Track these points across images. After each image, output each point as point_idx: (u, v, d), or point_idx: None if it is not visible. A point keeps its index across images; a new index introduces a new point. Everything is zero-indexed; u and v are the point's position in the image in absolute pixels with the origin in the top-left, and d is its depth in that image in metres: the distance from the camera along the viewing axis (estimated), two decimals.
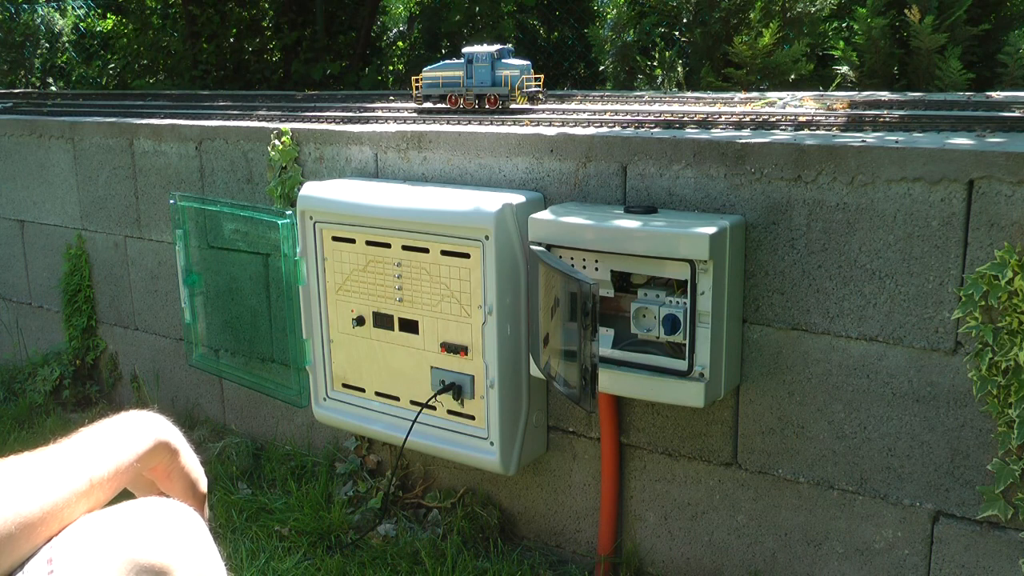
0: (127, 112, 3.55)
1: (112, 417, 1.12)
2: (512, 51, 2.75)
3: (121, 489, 1.07)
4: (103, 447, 1.06)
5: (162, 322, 3.31)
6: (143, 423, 1.13)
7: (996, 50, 3.37)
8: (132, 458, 1.08)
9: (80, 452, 1.04)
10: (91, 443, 1.06)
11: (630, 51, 4.18)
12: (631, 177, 2.13)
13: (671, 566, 2.26)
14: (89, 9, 7.93)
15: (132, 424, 1.12)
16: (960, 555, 1.86)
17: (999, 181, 1.70)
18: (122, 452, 1.07)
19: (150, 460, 1.11)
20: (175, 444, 1.15)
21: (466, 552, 2.40)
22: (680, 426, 2.18)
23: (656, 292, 2.00)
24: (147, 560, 0.93)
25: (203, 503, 1.20)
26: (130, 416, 1.13)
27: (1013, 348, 1.70)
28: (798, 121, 2.23)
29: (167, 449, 1.14)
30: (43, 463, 1.00)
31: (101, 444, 1.06)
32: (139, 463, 1.09)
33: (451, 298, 2.24)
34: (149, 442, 1.11)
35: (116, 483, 1.05)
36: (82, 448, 1.04)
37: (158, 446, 1.12)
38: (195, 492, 1.18)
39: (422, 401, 2.32)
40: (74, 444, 1.05)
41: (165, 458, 1.14)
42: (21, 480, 0.97)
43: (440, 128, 2.46)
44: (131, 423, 1.12)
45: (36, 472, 0.99)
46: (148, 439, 1.11)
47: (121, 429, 1.10)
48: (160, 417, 1.16)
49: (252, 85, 5.88)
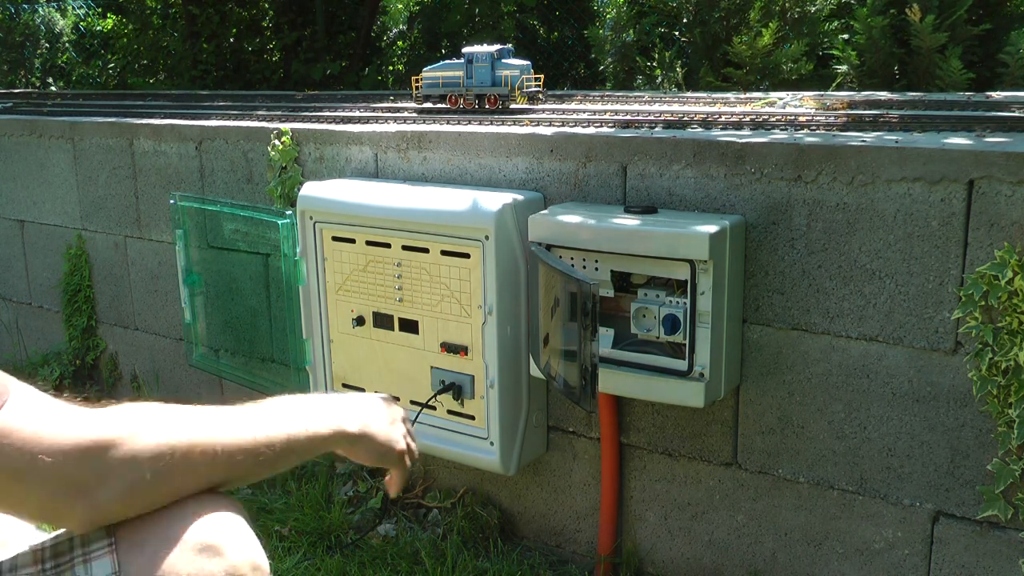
0: (127, 112, 3.55)
1: (308, 395, 1.25)
2: (512, 51, 2.75)
3: (297, 460, 1.18)
4: (281, 416, 1.17)
5: (162, 322, 3.31)
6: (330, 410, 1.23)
7: (997, 50, 3.37)
8: (304, 435, 1.17)
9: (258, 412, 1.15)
10: (272, 410, 1.17)
11: (630, 51, 4.18)
12: (631, 177, 2.13)
13: (671, 566, 2.26)
14: (89, 9, 7.93)
15: (318, 407, 1.22)
16: (960, 555, 1.86)
17: (999, 181, 1.70)
18: (295, 426, 1.17)
19: (326, 445, 1.21)
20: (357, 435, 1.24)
21: (466, 552, 2.40)
22: (680, 426, 2.18)
23: (656, 292, 2.00)
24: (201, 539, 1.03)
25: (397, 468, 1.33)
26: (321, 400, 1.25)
27: (1013, 348, 1.70)
28: (798, 121, 2.23)
29: (344, 438, 1.23)
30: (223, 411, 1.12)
31: (280, 413, 1.17)
32: (310, 443, 1.18)
33: (451, 298, 2.24)
34: (327, 428, 1.21)
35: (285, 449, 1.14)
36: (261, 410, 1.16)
37: (336, 434, 1.22)
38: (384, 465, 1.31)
39: (422, 401, 2.32)
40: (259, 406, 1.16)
41: (343, 445, 1.25)
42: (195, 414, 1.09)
43: (440, 128, 2.46)
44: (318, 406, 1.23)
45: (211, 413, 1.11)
46: (327, 425, 1.21)
47: (306, 408, 1.21)
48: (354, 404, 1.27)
49: (252, 85, 5.88)
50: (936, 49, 3.28)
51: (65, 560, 1.04)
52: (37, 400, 1.01)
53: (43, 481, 0.97)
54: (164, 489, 1.04)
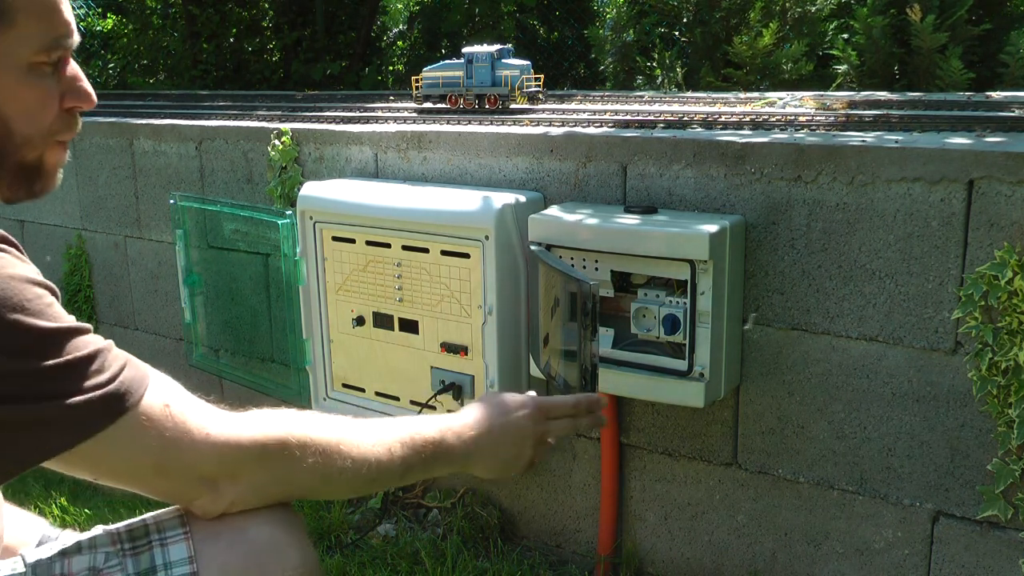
0: (127, 112, 3.55)
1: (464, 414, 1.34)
2: (512, 51, 2.75)
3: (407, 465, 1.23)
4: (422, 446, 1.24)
5: (162, 322, 3.31)
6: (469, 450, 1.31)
7: (997, 50, 3.37)
8: (434, 470, 1.27)
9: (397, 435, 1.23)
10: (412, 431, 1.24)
11: (630, 51, 4.18)
12: (631, 177, 2.13)
13: (671, 566, 2.26)
14: (89, 9, 7.92)
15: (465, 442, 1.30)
16: (960, 555, 1.86)
17: (999, 181, 1.69)
18: (432, 463, 1.26)
19: (451, 475, 1.36)
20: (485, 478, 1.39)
21: (466, 552, 2.40)
22: (680, 426, 2.18)
23: (656, 292, 2.00)
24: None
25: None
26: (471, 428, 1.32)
27: (1013, 348, 1.70)
28: (798, 121, 2.23)
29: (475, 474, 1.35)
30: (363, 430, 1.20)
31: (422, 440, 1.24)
32: (436, 473, 1.29)
33: (451, 298, 2.24)
34: (459, 466, 1.31)
35: (409, 477, 1.25)
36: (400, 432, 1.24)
37: (464, 471, 1.32)
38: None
39: (422, 401, 2.32)
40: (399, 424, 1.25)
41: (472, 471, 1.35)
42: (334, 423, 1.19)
43: (440, 128, 2.46)
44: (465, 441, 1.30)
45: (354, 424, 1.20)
46: (462, 464, 1.31)
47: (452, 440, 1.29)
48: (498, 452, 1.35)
49: (252, 85, 5.88)
50: (936, 49, 3.28)
51: (143, 543, 1.12)
52: (177, 392, 1.07)
53: (179, 469, 1.05)
54: (281, 493, 1.14)
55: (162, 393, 1.05)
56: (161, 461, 1.03)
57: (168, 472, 1.05)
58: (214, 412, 1.09)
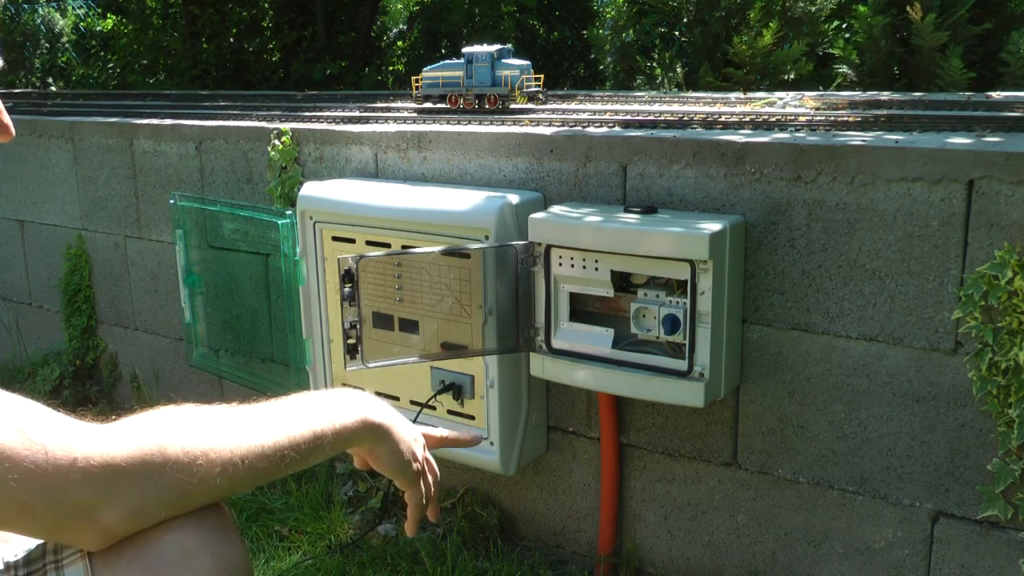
0: (127, 112, 3.55)
1: (328, 389, 1.16)
2: (512, 51, 2.75)
3: (322, 457, 1.12)
4: (304, 412, 1.11)
5: (162, 322, 3.31)
6: (354, 401, 1.17)
7: (998, 49, 3.37)
8: (329, 429, 1.11)
9: (279, 410, 1.10)
10: (294, 406, 1.11)
11: (630, 51, 4.18)
12: (631, 177, 2.13)
13: (671, 566, 2.26)
14: (89, 9, 7.93)
15: (342, 399, 1.16)
16: (960, 555, 1.86)
17: (999, 181, 1.69)
18: (321, 420, 1.11)
19: (353, 438, 1.15)
20: (384, 427, 1.18)
21: (466, 552, 2.40)
22: (680, 426, 2.18)
23: (656, 292, 1.99)
24: None
25: (411, 488, 1.26)
26: (344, 392, 1.19)
27: (1013, 348, 1.70)
28: (798, 121, 2.23)
29: (371, 431, 1.17)
30: (241, 412, 1.07)
31: (303, 409, 1.11)
32: (337, 437, 1.12)
33: (451, 298, 2.23)
34: (353, 419, 1.15)
35: (312, 447, 1.09)
36: (283, 408, 1.10)
37: (363, 426, 1.16)
38: (401, 480, 1.25)
39: (422, 401, 2.31)
40: (279, 404, 1.11)
41: (368, 440, 1.18)
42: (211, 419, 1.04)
43: (440, 128, 2.46)
44: (342, 398, 1.16)
45: (228, 416, 1.05)
46: (353, 416, 1.15)
47: (329, 401, 1.15)
48: (378, 401, 1.20)
49: (252, 85, 5.88)
50: (937, 48, 3.28)
51: (37, 567, 1.01)
52: (32, 414, 0.94)
53: (46, 504, 0.91)
54: (177, 505, 0.99)
55: (14, 419, 0.90)
56: (25, 498, 0.89)
57: (34, 511, 0.90)
58: (79, 429, 0.95)
